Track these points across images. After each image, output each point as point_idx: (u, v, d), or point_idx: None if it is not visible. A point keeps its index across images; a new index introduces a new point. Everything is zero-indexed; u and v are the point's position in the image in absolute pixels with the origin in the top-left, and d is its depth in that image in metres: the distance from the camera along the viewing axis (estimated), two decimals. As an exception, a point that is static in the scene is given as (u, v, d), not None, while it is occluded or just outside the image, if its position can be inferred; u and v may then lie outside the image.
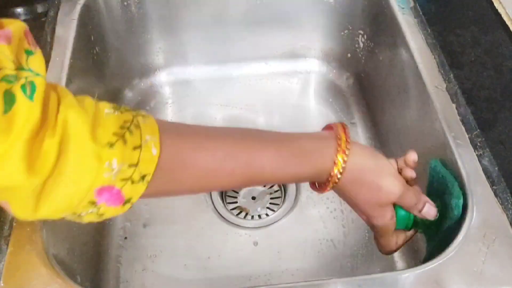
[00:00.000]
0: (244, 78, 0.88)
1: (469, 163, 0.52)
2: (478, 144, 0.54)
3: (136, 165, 0.34)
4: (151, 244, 0.68)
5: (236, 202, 0.74)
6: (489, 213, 0.49)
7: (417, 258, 0.63)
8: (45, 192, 0.32)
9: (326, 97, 0.86)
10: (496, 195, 0.50)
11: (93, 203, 0.34)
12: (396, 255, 0.67)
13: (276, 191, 0.76)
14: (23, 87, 0.29)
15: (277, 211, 0.72)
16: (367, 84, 0.83)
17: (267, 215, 0.72)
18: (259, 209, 0.73)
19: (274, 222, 0.71)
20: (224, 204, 0.73)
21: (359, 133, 0.80)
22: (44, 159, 0.30)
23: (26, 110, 0.29)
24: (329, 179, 0.42)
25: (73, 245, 0.56)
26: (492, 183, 0.51)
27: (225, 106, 0.85)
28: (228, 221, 0.71)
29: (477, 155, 0.53)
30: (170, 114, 0.84)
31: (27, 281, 0.45)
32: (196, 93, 0.87)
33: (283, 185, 0.75)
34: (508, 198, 0.50)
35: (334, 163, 0.42)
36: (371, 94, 0.81)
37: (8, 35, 0.30)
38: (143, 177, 0.35)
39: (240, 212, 0.73)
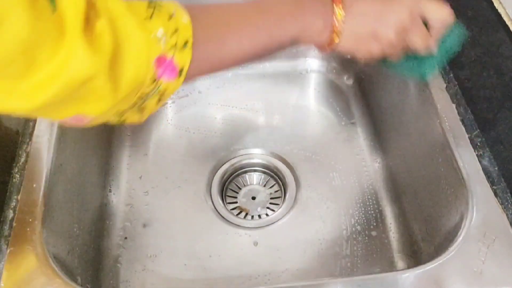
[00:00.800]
0: (244, 78, 0.88)
1: (469, 163, 0.52)
2: (478, 144, 0.54)
3: (176, 31, 0.36)
4: (151, 244, 0.68)
5: (236, 202, 0.74)
6: (489, 213, 0.49)
7: (417, 258, 0.63)
8: (116, 70, 0.33)
9: (326, 97, 0.86)
10: (496, 195, 0.50)
11: (154, 80, 0.36)
12: (396, 255, 0.67)
13: (276, 191, 0.76)
14: None
15: (277, 211, 0.72)
16: (367, 84, 0.83)
17: (267, 215, 0.72)
18: (259, 209, 0.73)
19: (274, 222, 0.71)
20: (224, 204, 0.73)
21: (359, 133, 0.80)
22: (103, 38, 0.32)
23: (71, 2, 0.31)
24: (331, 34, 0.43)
25: (73, 245, 0.56)
26: (492, 183, 0.51)
27: (225, 106, 0.85)
28: (228, 221, 0.71)
29: (477, 155, 0.53)
30: (170, 114, 0.84)
31: (27, 281, 0.45)
32: (196, 93, 0.87)
33: (283, 185, 0.76)
34: (508, 198, 0.50)
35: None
36: (371, 94, 0.81)
37: None
38: (186, 43, 0.37)
39: (240, 212, 0.73)
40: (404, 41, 0.45)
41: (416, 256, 0.64)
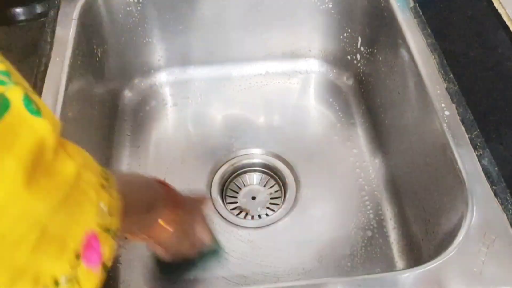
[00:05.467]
0: (244, 78, 0.88)
1: (469, 163, 0.52)
2: (478, 144, 0.54)
3: (112, 215, 0.31)
4: (151, 244, 0.68)
5: (236, 202, 0.74)
6: (489, 213, 0.49)
7: (417, 258, 0.63)
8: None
9: (326, 97, 0.86)
10: (496, 195, 0.50)
11: (77, 257, 0.27)
12: (396, 255, 0.67)
13: (276, 191, 0.76)
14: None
15: (277, 211, 0.72)
16: (367, 84, 0.83)
17: (267, 215, 0.72)
18: (259, 209, 0.73)
19: (274, 222, 0.71)
20: (224, 204, 0.73)
21: (359, 133, 0.80)
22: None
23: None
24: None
25: (73, 245, 0.56)
26: (492, 183, 0.51)
27: (225, 106, 0.85)
28: (228, 221, 0.71)
29: (477, 155, 0.53)
30: (170, 115, 0.84)
31: (27, 281, 0.45)
32: (196, 93, 0.87)
33: (283, 185, 0.76)
34: (508, 198, 0.50)
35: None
36: (371, 94, 0.81)
37: None
38: (115, 232, 0.31)
39: (240, 212, 0.73)
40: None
41: (416, 256, 0.64)
